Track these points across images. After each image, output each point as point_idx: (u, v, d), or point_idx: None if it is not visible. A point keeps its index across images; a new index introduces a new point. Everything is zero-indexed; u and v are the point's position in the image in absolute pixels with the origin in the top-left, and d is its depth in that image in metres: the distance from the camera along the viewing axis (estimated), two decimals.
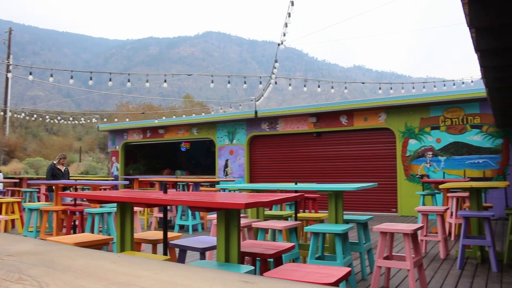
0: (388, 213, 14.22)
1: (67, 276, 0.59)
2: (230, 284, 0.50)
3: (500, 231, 9.83)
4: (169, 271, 0.59)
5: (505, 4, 3.30)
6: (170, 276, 0.56)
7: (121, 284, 0.53)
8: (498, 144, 12.96)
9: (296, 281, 0.51)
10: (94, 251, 0.81)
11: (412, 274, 4.86)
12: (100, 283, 0.54)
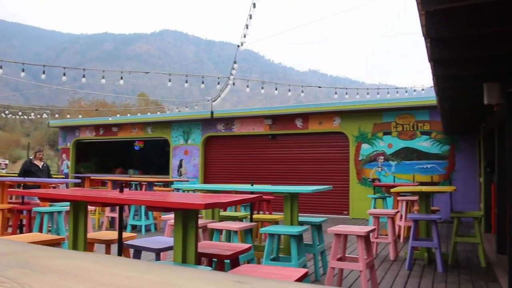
0: (340, 216, 14.50)
1: (49, 277, 0.59)
2: (224, 284, 0.51)
3: (445, 234, 10.23)
4: (157, 272, 0.59)
5: (460, 16, 3.45)
6: (160, 276, 0.57)
7: (110, 285, 0.53)
8: (445, 150, 13.47)
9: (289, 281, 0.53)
10: (70, 251, 0.80)
11: (364, 275, 4.99)
12: (87, 284, 0.54)
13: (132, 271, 0.60)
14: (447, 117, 9.56)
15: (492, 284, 5.86)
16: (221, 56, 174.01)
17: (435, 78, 5.41)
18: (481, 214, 7.46)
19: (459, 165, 13.32)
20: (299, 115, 15.52)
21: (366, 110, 14.41)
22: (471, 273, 6.48)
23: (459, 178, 13.20)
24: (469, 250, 8.28)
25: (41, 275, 0.59)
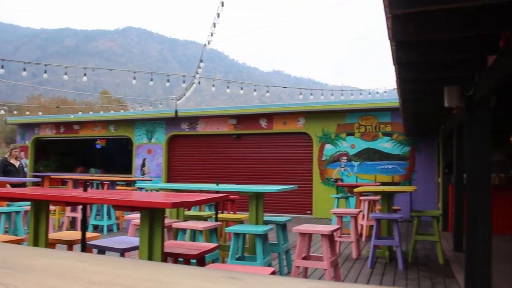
0: (304, 215, 14.64)
1: (34, 277, 0.58)
2: (218, 280, 0.52)
3: (405, 232, 10.48)
4: (148, 270, 0.59)
5: (426, 20, 3.54)
6: (152, 274, 0.57)
7: (101, 284, 0.53)
8: (406, 151, 13.80)
9: (282, 276, 0.54)
10: (51, 250, 0.79)
11: (328, 273, 5.06)
12: (77, 283, 0.53)
13: (121, 269, 0.60)
14: (409, 119, 9.80)
15: (449, 280, 6.06)
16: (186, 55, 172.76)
17: (398, 81, 5.54)
18: (440, 213, 7.69)
19: (418, 166, 13.67)
20: (263, 115, 15.58)
21: (330, 111, 14.60)
22: (430, 270, 6.67)
23: (418, 178, 13.55)
24: (428, 248, 8.51)
25: (25, 275, 0.58)
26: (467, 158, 5.53)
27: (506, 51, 3.82)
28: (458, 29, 3.69)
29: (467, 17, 3.57)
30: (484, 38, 4.17)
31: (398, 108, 9.82)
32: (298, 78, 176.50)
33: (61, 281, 0.55)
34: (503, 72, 3.96)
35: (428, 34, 3.69)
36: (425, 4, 3.16)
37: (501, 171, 11.41)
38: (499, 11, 3.57)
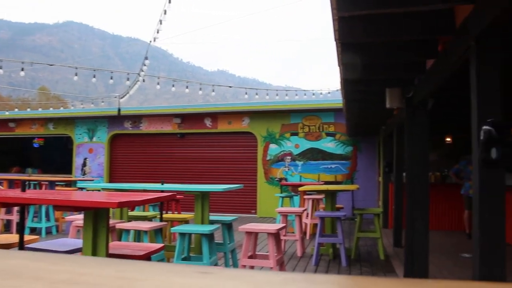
0: (248, 215, 14.70)
1: None
2: (190, 275, 0.51)
3: (348, 230, 10.76)
4: (114, 267, 0.57)
5: (372, 23, 3.65)
6: (119, 271, 0.55)
7: (64, 283, 0.51)
8: (348, 151, 14.17)
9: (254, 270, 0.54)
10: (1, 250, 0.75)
11: None
12: (38, 282, 0.51)
13: (85, 267, 0.58)
14: (352, 119, 10.06)
15: (390, 274, 6.28)
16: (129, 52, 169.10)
17: (343, 82, 5.68)
18: (380, 211, 7.95)
19: (360, 165, 14.07)
20: (208, 114, 15.52)
21: (275, 111, 14.75)
22: (372, 265, 6.89)
23: (360, 177, 13.94)
24: (370, 245, 8.78)
25: None
26: (407, 158, 5.75)
27: (443, 56, 4.00)
28: (400, 33, 3.83)
29: (408, 21, 3.71)
30: (423, 43, 4.35)
31: (341, 108, 10.07)
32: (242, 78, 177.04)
33: (19, 281, 0.53)
34: (440, 76, 4.15)
35: (373, 37, 3.80)
36: (371, 7, 3.26)
37: (436, 170, 11.95)
38: (437, 17, 3.74)
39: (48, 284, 0.50)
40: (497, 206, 2.90)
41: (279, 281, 0.46)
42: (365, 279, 0.48)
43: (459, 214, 10.25)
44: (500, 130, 2.84)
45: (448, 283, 0.48)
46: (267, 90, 15.98)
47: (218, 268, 0.53)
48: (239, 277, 0.49)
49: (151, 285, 0.48)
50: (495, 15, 2.65)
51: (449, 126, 11.31)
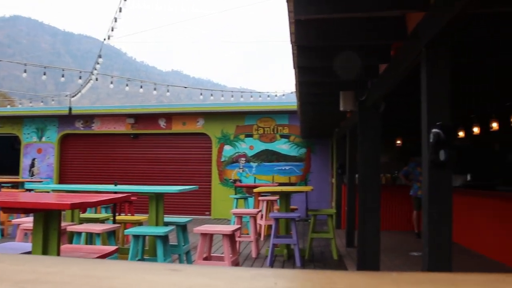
0: (202, 216, 14.63)
1: None
2: (160, 272, 0.51)
3: (302, 231, 10.89)
4: (81, 266, 0.56)
5: (327, 27, 3.72)
6: (86, 270, 0.54)
7: (30, 282, 0.50)
8: (302, 153, 14.35)
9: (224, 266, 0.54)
10: None
11: None
12: (3, 283, 0.50)
13: (50, 267, 0.57)
14: (306, 121, 10.20)
15: None
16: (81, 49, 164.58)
17: (298, 84, 5.76)
18: (334, 212, 8.10)
19: (314, 167, 14.27)
20: (162, 115, 15.34)
21: (229, 112, 14.76)
22: (325, 265, 7.01)
23: (314, 179, 14.14)
24: (323, 245, 8.92)
25: None
26: (359, 160, 5.89)
27: (396, 61, 4.13)
28: (354, 37, 3.92)
29: (362, 26, 3.81)
30: (376, 47, 4.47)
31: (295, 111, 10.19)
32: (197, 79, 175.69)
33: None
34: (392, 80, 4.27)
35: (328, 40, 3.88)
36: (326, 12, 3.32)
37: (387, 172, 12.28)
38: (390, 23, 3.86)
39: (12, 284, 0.49)
40: (445, 206, 3.02)
41: (249, 276, 0.47)
42: (332, 273, 0.50)
43: (409, 215, 10.58)
44: (448, 133, 2.96)
45: (412, 275, 0.50)
46: (222, 92, 15.97)
47: (188, 265, 0.53)
48: (210, 274, 0.49)
49: (121, 283, 0.47)
50: (445, 23, 2.76)
51: (400, 129, 11.66)
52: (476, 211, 8.36)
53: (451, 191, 3.09)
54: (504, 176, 12.08)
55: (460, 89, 6.10)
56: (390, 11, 3.45)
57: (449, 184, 3.06)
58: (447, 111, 3.08)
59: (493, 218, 7.67)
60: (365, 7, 3.33)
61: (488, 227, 7.85)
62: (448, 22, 2.75)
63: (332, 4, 3.29)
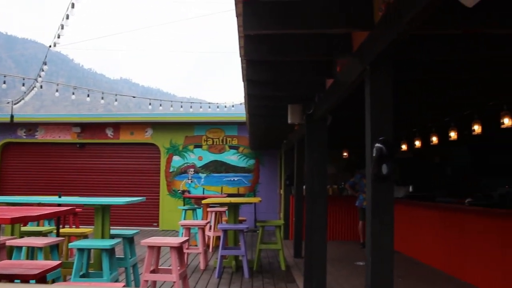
0: (150, 228, 14.40)
1: None
2: None
3: (250, 242, 10.92)
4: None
5: (276, 42, 3.80)
6: None
7: None
8: (251, 164, 14.43)
9: None
10: None
11: (177, 286, 5.07)
12: None
13: None
14: (255, 133, 10.29)
15: (290, 285, 6.49)
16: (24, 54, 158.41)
17: (247, 97, 5.82)
18: (282, 223, 8.20)
19: (263, 178, 14.39)
20: (110, 124, 15.02)
21: (179, 122, 14.66)
22: (273, 276, 7.07)
23: (262, 190, 14.25)
24: (272, 256, 8.99)
25: None
26: (306, 171, 6.01)
27: (341, 77, 4.27)
28: (302, 53, 4.03)
29: (310, 42, 3.92)
30: (323, 63, 4.61)
31: (244, 122, 10.27)
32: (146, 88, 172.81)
33: None
34: (338, 95, 4.41)
35: (277, 55, 3.96)
36: (275, 28, 3.40)
37: (334, 183, 12.54)
38: (336, 40, 3.99)
39: None
40: (387, 217, 3.14)
41: None
42: None
43: (355, 225, 10.84)
44: (390, 148, 3.09)
45: None
46: (171, 102, 15.83)
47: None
48: None
49: None
50: (388, 42, 2.89)
51: (347, 141, 11.95)
52: (417, 221, 8.68)
53: (393, 203, 3.21)
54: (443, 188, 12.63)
55: (403, 104, 6.35)
56: (336, 29, 3.57)
57: (391, 196, 3.18)
58: (390, 127, 3.21)
59: (432, 227, 7.99)
60: (313, 24, 3.43)
61: (429, 237, 8.17)
62: (391, 42, 2.87)
63: (280, 21, 3.37)
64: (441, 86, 5.55)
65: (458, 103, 6.53)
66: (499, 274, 5.87)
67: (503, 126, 6.01)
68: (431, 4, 2.32)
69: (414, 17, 2.48)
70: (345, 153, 12.57)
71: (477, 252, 6.40)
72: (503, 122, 6.00)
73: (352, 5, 3.35)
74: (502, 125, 6.01)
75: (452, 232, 7.21)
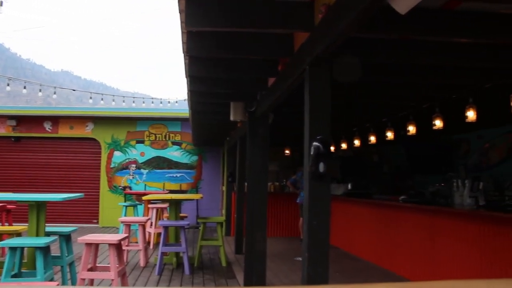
0: (90, 224, 14.02)
1: None
2: None
3: (192, 238, 10.89)
4: None
5: (219, 40, 3.82)
6: None
7: None
8: (194, 160, 14.37)
9: None
10: None
11: (116, 283, 5.00)
12: None
13: None
14: (198, 129, 10.26)
15: (231, 280, 6.55)
16: None
17: (190, 93, 5.80)
18: (223, 220, 8.24)
19: (205, 174, 14.37)
20: (48, 117, 14.48)
21: (121, 117, 14.37)
22: (214, 272, 7.10)
23: (204, 186, 14.23)
24: (213, 252, 9.00)
25: None
26: (248, 168, 6.07)
27: (283, 76, 4.34)
28: (245, 51, 4.07)
29: (252, 41, 3.97)
30: (266, 62, 4.67)
31: (188, 118, 10.21)
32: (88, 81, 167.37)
33: None
34: (279, 94, 4.48)
35: (219, 53, 3.98)
36: (218, 25, 3.42)
37: (276, 180, 12.71)
38: (278, 40, 4.06)
39: None
40: (323, 214, 3.23)
41: None
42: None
43: (296, 221, 11.04)
44: (327, 146, 3.19)
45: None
46: (113, 96, 15.49)
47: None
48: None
49: None
50: (327, 44, 2.97)
51: (289, 139, 12.14)
52: (355, 217, 8.97)
53: (330, 200, 3.31)
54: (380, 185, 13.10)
55: (342, 105, 6.54)
56: (278, 29, 3.64)
57: (327, 193, 3.28)
58: (328, 126, 3.30)
59: (369, 224, 8.28)
60: (255, 23, 3.48)
61: (365, 232, 8.46)
62: (330, 43, 2.96)
63: (223, 19, 3.39)
64: (379, 88, 5.76)
65: (394, 105, 6.80)
66: (428, 267, 6.18)
67: (435, 128, 6.31)
68: (368, 9, 2.41)
69: (352, 21, 2.57)
70: (287, 151, 12.76)
71: (409, 246, 6.71)
72: (435, 124, 6.30)
73: (294, 7, 3.42)
74: (434, 126, 6.31)
75: (386, 228, 7.51)
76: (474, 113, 5.51)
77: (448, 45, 3.94)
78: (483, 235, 5.14)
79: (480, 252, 5.17)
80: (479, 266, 5.20)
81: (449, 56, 4.03)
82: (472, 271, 5.32)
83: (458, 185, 6.13)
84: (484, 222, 5.13)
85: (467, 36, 3.45)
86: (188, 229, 12.80)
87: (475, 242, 5.26)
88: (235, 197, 9.57)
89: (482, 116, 5.90)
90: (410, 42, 3.89)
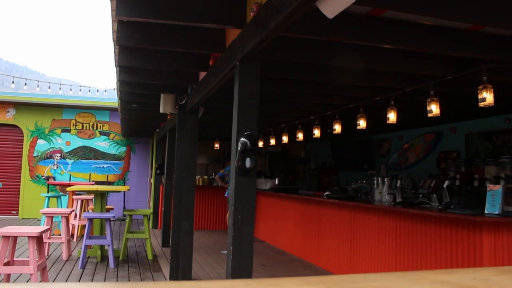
0: (9, 216, 13.37)
1: None
2: None
3: (118, 231, 10.68)
4: None
5: (150, 31, 3.79)
6: None
7: None
8: (122, 151, 14.06)
9: None
10: None
11: (35, 278, 4.82)
12: None
13: None
14: (127, 120, 10.05)
15: (156, 274, 6.51)
16: None
17: (119, 83, 5.69)
18: (150, 212, 8.15)
19: (133, 166, 14.10)
20: None
21: (45, 104, 13.76)
22: (140, 265, 7.02)
23: (132, 178, 13.97)
24: (139, 245, 8.89)
25: None
26: (176, 161, 6.06)
27: (213, 70, 4.38)
28: (176, 44, 4.07)
29: (183, 34, 3.97)
30: (197, 56, 4.68)
31: (117, 108, 9.98)
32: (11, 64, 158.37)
33: None
34: (210, 88, 4.51)
35: (150, 44, 3.95)
36: (148, 16, 3.40)
37: (205, 174, 12.73)
38: (210, 34, 4.09)
39: None
40: (248, 208, 3.31)
41: None
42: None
43: (223, 215, 11.13)
44: (254, 142, 3.27)
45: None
46: (38, 81, 14.79)
47: None
48: None
49: None
50: (258, 41, 3.04)
51: (219, 133, 12.18)
52: (281, 212, 9.18)
53: (255, 195, 3.40)
54: (307, 181, 13.47)
55: (271, 101, 6.66)
56: (210, 24, 3.66)
57: (253, 188, 3.36)
58: (256, 122, 3.38)
59: (294, 218, 8.51)
60: (188, 17, 3.49)
61: (291, 227, 8.69)
62: (260, 41, 3.02)
63: (154, 10, 3.37)
64: (308, 87, 5.92)
65: (322, 104, 7.01)
66: (349, 260, 6.48)
67: (359, 127, 6.59)
68: (297, 11, 2.50)
69: (281, 21, 2.65)
70: (216, 145, 12.79)
71: (332, 240, 6.98)
72: (359, 124, 6.58)
73: (228, 3, 3.47)
74: (358, 126, 6.58)
75: (311, 223, 7.76)
76: (395, 114, 5.80)
77: (374, 50, 4.14)
78: (399, 229, 5.46)
79: (396, 245, 5.49)
80: (395, 258, 5.53)
81: (375, 60, 4.24)
82: (388, 264, 5.64)
83: (378, 183, 6.46)
84: (400, 217, 5.45)
85: (390, 42, 3.65)
86: (114, 222, 12.54)
87: (392, 236, 5.57)
88: (163, 190, 9.48)
89: (403, 118, 6.25)
90: (338, 44, 4.05)
